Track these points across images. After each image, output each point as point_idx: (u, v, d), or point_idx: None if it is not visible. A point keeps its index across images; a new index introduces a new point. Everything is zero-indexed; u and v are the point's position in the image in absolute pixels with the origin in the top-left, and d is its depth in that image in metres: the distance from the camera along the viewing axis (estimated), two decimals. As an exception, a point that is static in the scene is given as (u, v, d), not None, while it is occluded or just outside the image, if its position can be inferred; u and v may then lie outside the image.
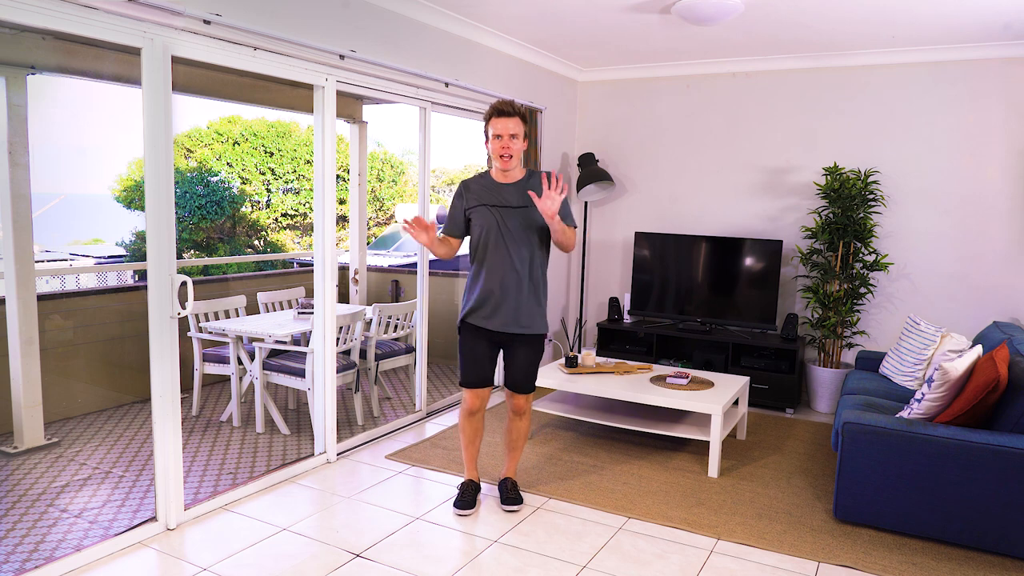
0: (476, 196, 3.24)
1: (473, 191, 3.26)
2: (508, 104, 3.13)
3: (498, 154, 3.15)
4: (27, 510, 3.28)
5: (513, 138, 3.12)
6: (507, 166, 3.17)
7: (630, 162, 6.11)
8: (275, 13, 3.39)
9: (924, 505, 3.11)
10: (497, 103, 3.15)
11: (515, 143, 3.13)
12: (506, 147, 3.13)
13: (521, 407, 3.41)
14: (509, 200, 3.19)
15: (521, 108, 3.16)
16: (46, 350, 4.35)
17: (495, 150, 3.15)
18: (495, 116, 3.13)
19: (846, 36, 4.69)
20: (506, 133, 3.11)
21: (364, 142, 6.48)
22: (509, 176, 3.23)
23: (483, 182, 3.27)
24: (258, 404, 4.39)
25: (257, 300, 5.12)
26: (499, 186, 3.23)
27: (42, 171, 4.31)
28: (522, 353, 3.30)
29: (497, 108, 3.14)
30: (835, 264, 5.08)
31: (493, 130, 3.14)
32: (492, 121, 3.14)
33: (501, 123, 3.11)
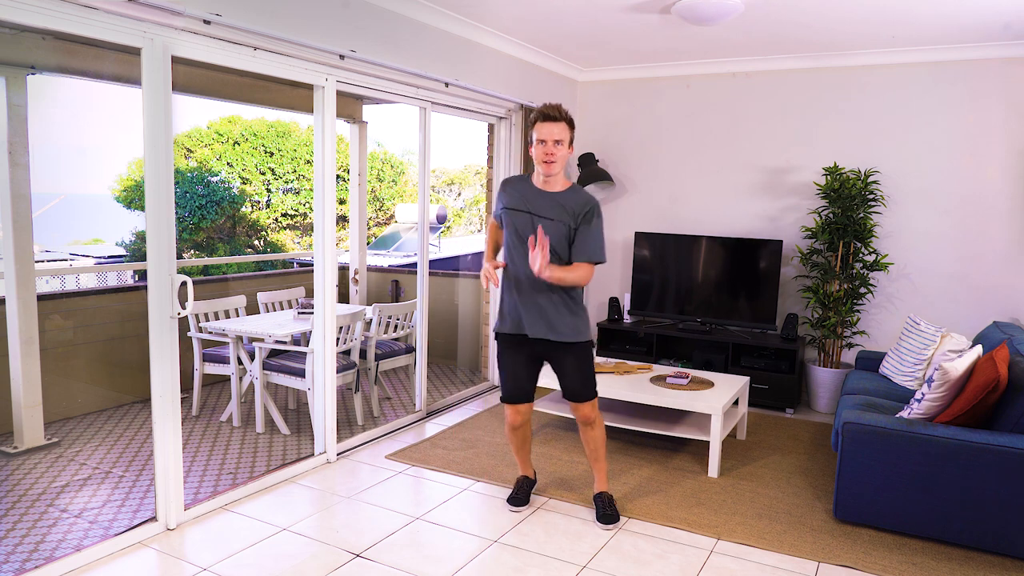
0: (513, 198, 3.14)
1: (510, 192, 3.17)
2: (555, 108, 3.01)
3: (541, 160, 3.03)
4: (27, 510, 3.28)
5: (558, 144, 3.01)
6: (550, 171, 3.05)
7: (630, 162, 6.11)
8: (275, 13, 3.39)
9: (924, 505, 3.11)
10: (543, 107, 3.04)
11: (560, 149, 3.02)
12: (550, 153, 3.01)
13: (587, 416, 3.26)
14: (544, 210, 3.08)
15: (567, 114, 3.05)
16: (46, 350, 4.35)
17: (538, 156, 3.04)
18: (540, 120, 3.01)
19: (846, 36, 4.69)
20: (551, 139, 3.00)
21: (364, 142, 6.48)
22: (550, 184, 3.11)
23: (523, 185, 3.17)
24: (258, 404, 4.39)
25: (257, 300, 5.12)
26: (538, 193, 3.12)
27: (42, 171, 4.31)
28: (569, 361, 3.18)
29: (543, 112, 3.01)
30: (835, 264, 5.08)
31: (537, 135, 3.02)
32: (537, 126, 3.03)
33: (546, 128, 3.00)
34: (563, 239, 3.09)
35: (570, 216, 3.08)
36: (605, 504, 3.35)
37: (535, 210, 3.09)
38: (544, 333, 3.12)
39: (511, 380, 3.25)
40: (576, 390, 3.22)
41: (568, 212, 3.08)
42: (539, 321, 3.12)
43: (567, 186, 3.15)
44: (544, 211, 3.09)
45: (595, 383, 3.26)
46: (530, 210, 3.10)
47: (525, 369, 3.25)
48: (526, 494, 3.47)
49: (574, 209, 3.08)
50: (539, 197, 3.12)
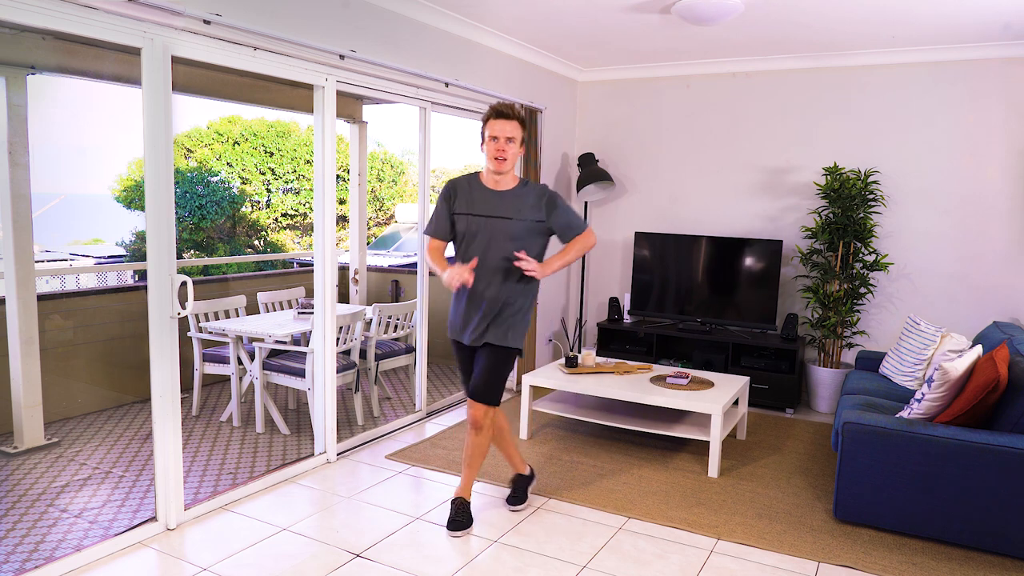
0: (464, 202, 3.13)
1: (459, 195, 3.15)
2: (508, 107, 3.05)
3: (493, 156, 3.06)
4: (27, 510, 3.28)
5: (510, 141, 3.04)
6: (501, 169, 3.07)
7: (630, 162, 6.11)
8: (275, 13, 3.39)
9: (924, 505, 3.11)
10: (497, 104, 3.08)
11: (511, 147, 3.05)
12: (502, 150, 3.04)
13: (478, 420, 3.16)
14: (498, 210, 3.09)
15: (521, 112, 3.08)
16: (46, 350, 4.35)
17: (490, 152, 3.06)
18: (493, 117, 3.05)
19: (846, 36, 4.69)
20: (503, 136, 3.03)
21: (364, 142, 6.48)
22: (501, 182, 3.13)
23: (471, 186, 3.16)
24: (258, 404, 4.39)
25: (257, 300, 5.12)
26: (489, 194, 3.13)
27: (42, 171, 4.31)
28: (487, 358, 3.14)
29: (496, 109, 3.05)
30: (835, 264, 5.08)
31: (490, 132, 3.06)
32: (490, 123, 3.06)
33: (499, 125, 3.03)
34: (529, 234, 3.12)
35: (531, 211, 3.11)
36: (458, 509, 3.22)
37: (488, 211, 3.10)
38: (478, 341, 3.13)
39: (467, 376, 3.29)
40: (479, 388, 3.14)
41: (527, 207, 3.11)
42: (480, 329, 3.11)
43: (517, 182, 3.18)
44: (498, 211, 3.10)
45: (500, 393, 3.18)
46: (483, 212, 3.10)
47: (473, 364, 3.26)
48: (469, 516, 3.24)
49: (534, 203, 3.12)
50: (494, 198, 3.12)
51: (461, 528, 3.17)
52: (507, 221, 3.08)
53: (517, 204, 3.11)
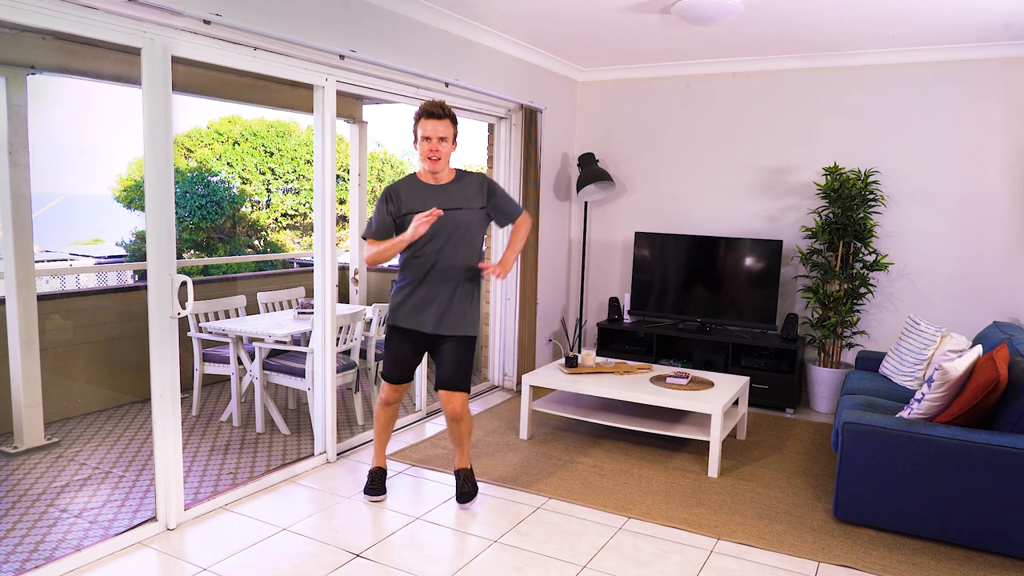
0: (408, 203, 3.22)
1: (403, 197, 3.24)
2: (438, 106, 3.13)
3: (426, 156, 3.16)
4: (27, 510, 3.28)
5: (442, 141, 3.14)
6: (435, 168, 3.18)
7: (630, 162, 6.11)
8: (275, 13, 3.39)
9: (924, 505, 3.11)
10: (427, 104, 3.16)
11: (444, 146, 3.15)
12: (435, 150, 3.14)
13: (456, 411, 3.33)
14: (450, 203, 3.20)
15: (451, 111, 3.18)
16: (46, 350, 4.35)
17: (423, 152, 3.16)
18: (424, 117, 3.14)
19: (846, 36, 4.69)
20: (435, 136, 3.13)
21: (364, 142, 6.48)
22: (438, 178, 3.24)
23: (412, 186, 3.26)
24: (258, 404, 4.39)
25: (257, 300, 5.12)
26: (429, 189, 3.23)
27: (42, 171, 4.31)
28: (450, 350, 3.28)
29: (426, 110, 3.13)
30: (835, 264, 5.08)
31: (422, 132, 3.15)
32: (421, 123, 3.15)
33: (430, 125, 3.12)
34: (479, 222, 3.28)
35: (476, 198, 3.26)
36: (463, 480, 3.48)
37: (445, 205, 3.19)
38: (441, 329, 3.25)
39: (396, 364, 3.38)
40: (450, 377, 3.29)
41: (473, 195, 3.26)
42: (439, 318, 3.24)
43: (454, 175, 3.30)
44: (453, 202, 3.21)
45: (470, 377, 3.37)
46: (442, 207, 3.17)
47: (411, 355, 3.40)
48: (382, 483, 3.52)
49: (476, 190, 3.27)
50: (439, 193, 3.23)
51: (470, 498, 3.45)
52: (460, 211, 3.21)
53: (464, 193, 3.26)
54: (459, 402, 3.33)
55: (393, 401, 3.49)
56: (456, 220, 3.20)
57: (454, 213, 3.19)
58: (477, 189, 3.28)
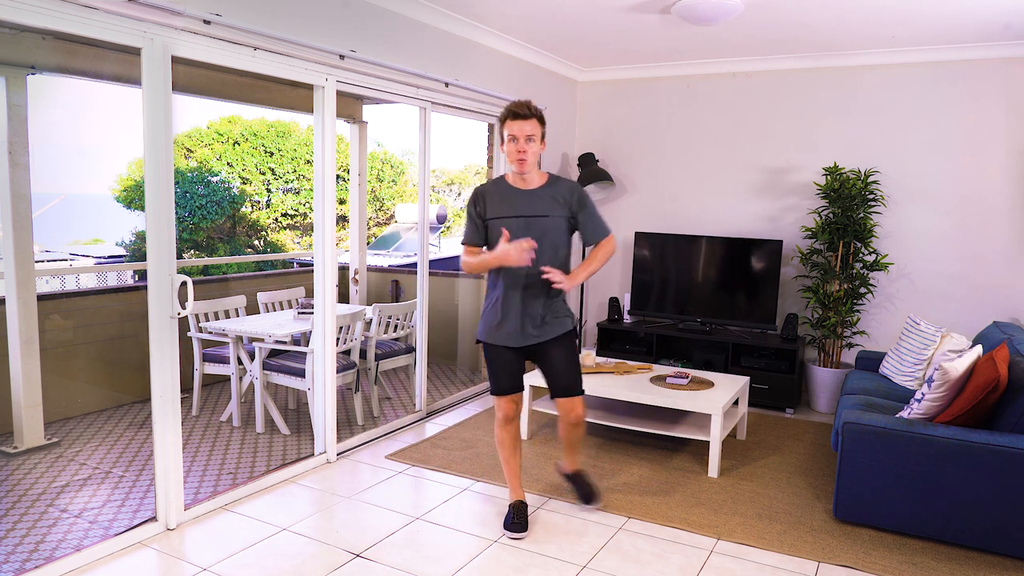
0: (493, 207, 3.08)
1: (489, 200, 3.12)
2: (524, 106, 2.99)
3: (514, 158, 3.01)
4: (27, 510, 3.28)
5: (529, 140, 2.99)
6: (523, 169, 3.03)
7: (630, 162, 6.11)
8: (275, 13, 3.39)
9: (924, 505, 3.11)
10: (513, 104, 3.01)
11: (531, 146, 3.00)
12: (522, 150, 2.99)
13: (581, 417, 3.19)
14: (527, 209, 3.04)
15: (537, 110, 3.03)
16: (46, 350, 4.35)
17: (510, 153, 3.02)
18: (510, 118, 2.99)
19: (846, 36, 4.69)
20: (522, 135, 2.98)
21: (364, 142, 6.48)
22: (527, 181, 3.08)
23: (500, 189, 3.12)
24: (258, 404, 4.39)
25: (257, 300, 5.12)
26: (517, 193, 3.08)
27: (42, 171, 4.31)
28: (554, 354, 3.13)
29: (512, 110, 2.99)
30: (835, 264, 5.08)
31: (508, 132, 3.00)
32: (507, 123, 3.00)
33: (517, 125, 2.97)
34: (564, 231, 3.09)
35: (563, 206, 3.06)
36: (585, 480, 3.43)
37: (525, 211, 3.05)
38: (530, 340, 3.10)
39: (502, 373, 3.18)
40: (570, 383, 3.14)
41: (560, 203, 3.06)
42: (525, 328, 3.09)
43: (546, 179, 3.13)
44: (535, 210, 3.05)
45: (581, 374, 3.21)
46: (520, 213, 3.05)
47: (514, 361, 3.19)
48: (525, 519, 3.22)
49: (565, 198, 3.07)
50: (524, 197, 3.07)
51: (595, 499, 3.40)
52: (544, 219, 3.04)
53: (550, 200, 3.07)
54: (581, 407, 3.18)
55: (512, 416, 3.22)
56: (540, 226, 3.03)
57: (538, 220, 3.03)
58: (566, 197, 3.07)
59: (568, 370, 3.14)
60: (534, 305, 3.08)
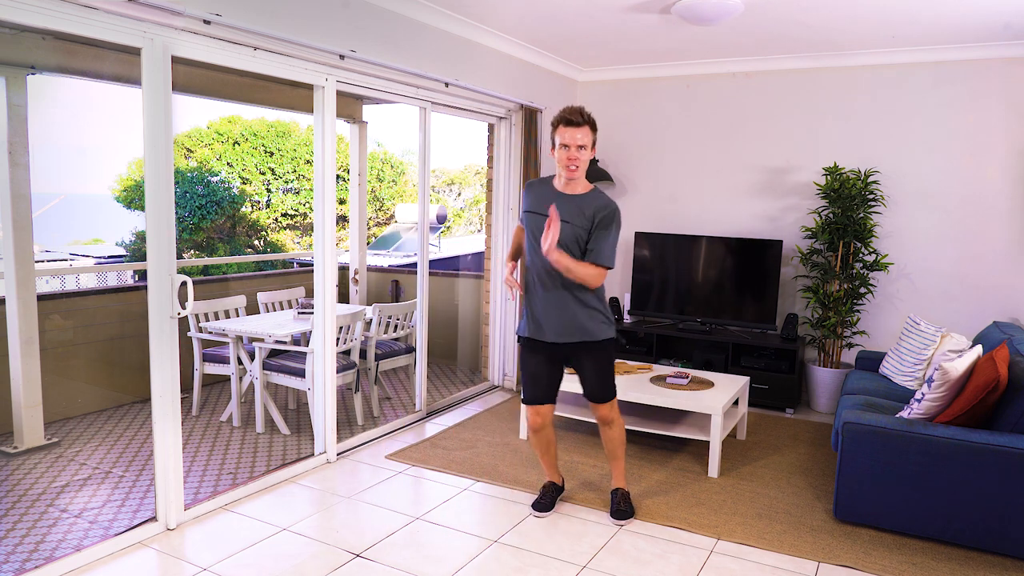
0: (534, 201, 3.14)
1: (532, 195, 3.17)
2: (577, 112, 2.98)
3: (564, 164, 3.01)
4: (27, 510, 3.28)
5: (581, 148, 2.99)
6: (573, 176, 3.04)
7: (630, 162, 6.11)
8: (275, 13, 3.39)
9: (924, 505, 3.11)
10: (565, 111, 2.99)
11: (583, 153, 3.00)
12: (573, 158, 2.99)
13: (605, 416, 3.29)
14: (562, 213, 3.02)
15: (590, 116, 3.03)
16: (46, 350, 4.35)
17: (561, 160, 3.02)
18: (563, 125, 2.99)
19: (846, 36, 4.69)
20: (574, 144, 2.97)
21: (364, 142, 6.48)
22: (572, 187, 3.10)
23: (544, 187, 3.17)
24: (258, 404, 4.39)
25: (257, 300, 5.12)
26: (558, 195, 3.10)
27: (42, 171, 4.31)
28: (587, 362, 3.19)
29: (565, 117, 2.98)
30: (835, 264, 5.08)
31: (560, 139, 3.00)
32: (560, 130, 3.00)
33: (569, 133, 2.97)
34: (575, 241, 3.05)
35: (587, 219, 3.04)
36: (620, 500, 3.38)
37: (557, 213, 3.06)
38: (561, 336, 3.12)
39: (531, 381, 3.25)
40: (597, 392, 3.24)
41: (586, 215, 3.05)
42: (558, 324, 3.11)
43: (588, 189, 3.14)
44: (563, 214, 3.04)
45: (614, 384, 3.27)
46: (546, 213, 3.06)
47: (545, 370, 3.23)
48: (551, 500, 3.43)
49: (593, 212, 3.05)
50: (558, 199, 3.07)
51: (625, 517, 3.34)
52: (567, 224, 3.04)
53: (580, 209, 3.06)
54: (605, 408, 3.27)
55: (539, 428, 3.30)
56: (564, 231, 3.03)
57: (563, 224, 3.03)
58: (596, 212, 3.04)
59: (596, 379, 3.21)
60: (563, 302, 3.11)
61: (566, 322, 3.11)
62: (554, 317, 3.12)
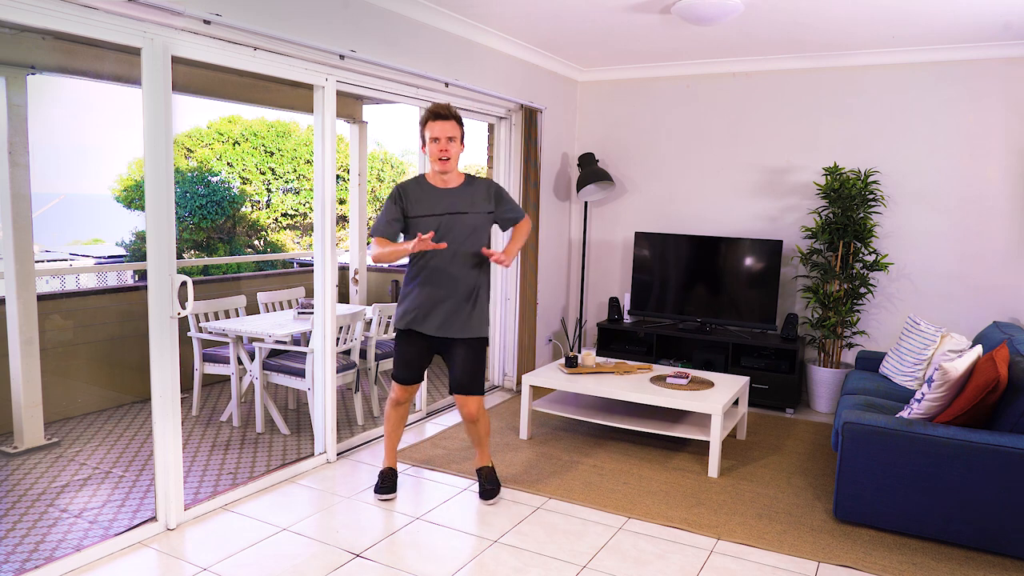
0: (416, 205, 3.26)
1: (411, 197, 3.28)
2: (444, 107, 3.20)
3: (436, 157, 3.21)
4: (27, 510, 3.28)
5: (451, 141, 3.20)
6: (446, 168, 3.23)
7: (630, 162, 6.11)
8: (275, 13, 3.39)
9: (924, 505, 3.11)
10: (433, 106, 3.22)
11: (453, 146, 3.21)
12: (444, 150, 3.19)
13: (472, 413, 3.40)
14: (455, 206, 3.25)
15: (456, 112, 3.24)
16: (46, 350, 4.35)
17: (433, 153, 3.22)
18: (432, 119, 3.19)
19: (846, 36, 4.69)
20: (443, 136, 3.18)
21: (364, 142, 6.48)
22: (448, 180, 3.30)
23: (421, 188, 3.30)
24: (258, 404, 4.39)
25: (257, 300, 5.12)
26: (439, 192, 3.28)
27: (42, 171, 4.32)
28: (462, 354, 3.32)
29: (433, 112, 3.20)
30: (835, 264, 5.08)
31: (430, 133, 3.20)
32: (429, 124, 3.20)
33: (438, 126, 3.18)
34: (484, 226, 3.33)
35: (483, 203, 3.31)
36: (485, 477, 3.53)
37: (447, 209, 3.24)
38: (444, 332, 3.28)
39: (406, 365, 3.40)
40: (464, 383, 3.35)
41: (480, 200, 3.30)
42: (445, 320, 3.27)
43: (463, 179, 3.35)
44: (456, 207, 3.25)
45: (483, 380, 3.42)
46: (442, 211, 3.23)
47: (420, 358, 3.41)
48: (393, 483, 3.55)
49: (484, 195, 3.32)
50: (446, 196, 3.28)
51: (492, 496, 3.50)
52: (465, 215, 3.25)
53: (471, 198, 3.30)
54: (474, 405, 3.39)
55: (404, 401, 3.53)
56: (462, 223, 3.25)
57: (460, 217, 3.24)
58: (485, 194, 3.33)
59: (467, 371, 3.34)
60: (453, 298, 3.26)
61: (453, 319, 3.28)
62: (444, 314, 3.27)
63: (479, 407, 3.40)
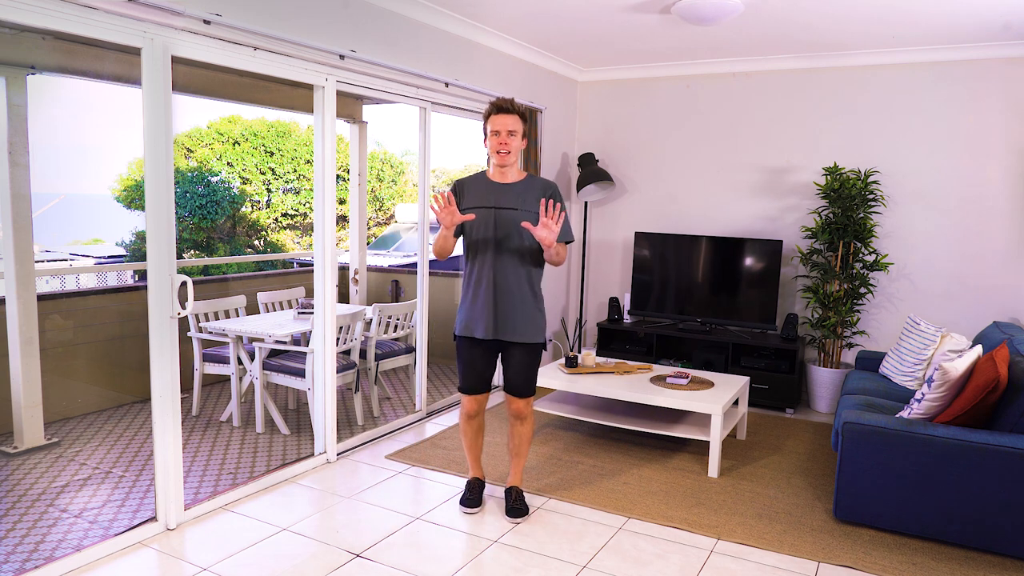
0: (472, 197, 3.21)
1: (468, 192, 3.23)
2: (507, 101, 3.15)
3: (495, 150, 3.15)
4: (27, 510, 3.28)
5: (511, 135, 3.13)
6: (504, 161, 3.16)
7: (630, 162, 6.11)
8: (275, 13, 3.39)
9: (924, 505, 3.11)
10: (497, 100, 3.17)
11: (513, 140, 3.14)
12: (504, 143, 3.13)
13: (521, 411, 3.35)
14: (504, 202, 3.16)
15: (520, 107, 3.17)
16: (46, 350, 4.35)
17: (493, 146, 3.16)
18: (494, 113, 3.15)
19: (846, 36, 4.69)
20: (504, 129, 3.12)
21: (364, 142, 6.48)
22: (506, 176, 3.21)
23: (479, 182, 3.25)
24: (258, 404, 4.39)
25: (257, 300, 5.12)
26: (495, 187, 3.20)
27: (42, 171, 4.31)
28: (518, 358, 3.26)
29: (496, 105, 3.15)
30: (835, 264, 5.08)
31: (491, 127, 3.15)
32: (491, 118, 3.15)
33: (500, 119, 3.13)
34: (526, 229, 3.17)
35: (535, 202, 3.15)
36: (514, 499, 3.40)
37: (496, 203, 3.17)
38: (499, 334, 3.19)
39: (471, 372, 3.32)
40: (518, 386, 3.30)
41: (533, 199, 3.17)
42: (499, 322, 3.18)
43: (522, 176, 3.26)
44: (506, 202, 3.16)
45: (535, 382, 3.36)
46: (491, 204, 3.17)
47: (483, 361, 3.31)
48: (478, 496, 3.45)
49: (537, 195, 3.17)
50: (498, 190, 3.20)
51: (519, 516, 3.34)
52: (513, 211, 3.15)
53: (523, 195, 3.19)
54: (523, 403, 3.33)
55: (473, 414, 3.39)
56: (509, 219, 3.13)
57: (508, 212, 3.14)
58: (539, 194, 3.16)
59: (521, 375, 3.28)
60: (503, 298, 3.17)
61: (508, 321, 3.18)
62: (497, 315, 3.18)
63: (527, 405, 3.34)
